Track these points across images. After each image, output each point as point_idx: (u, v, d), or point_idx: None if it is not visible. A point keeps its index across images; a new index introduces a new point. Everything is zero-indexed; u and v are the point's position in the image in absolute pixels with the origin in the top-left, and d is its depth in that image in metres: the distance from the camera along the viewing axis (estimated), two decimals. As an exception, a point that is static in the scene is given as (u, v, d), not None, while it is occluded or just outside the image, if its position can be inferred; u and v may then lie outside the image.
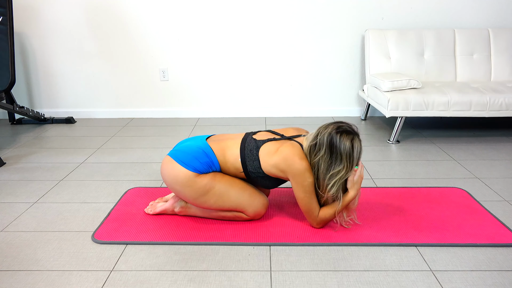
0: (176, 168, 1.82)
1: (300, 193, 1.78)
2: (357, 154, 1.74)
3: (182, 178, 1.81)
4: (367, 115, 3.79)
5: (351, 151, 1.72)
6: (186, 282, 1.55)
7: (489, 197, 2.21)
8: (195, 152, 1.85)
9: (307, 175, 1.75)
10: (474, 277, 1.56)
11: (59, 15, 3.63)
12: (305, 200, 1.79)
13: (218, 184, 1.83)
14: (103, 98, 3.86)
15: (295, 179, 1.77)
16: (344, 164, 1.73)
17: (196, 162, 1.82)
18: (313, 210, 1.82)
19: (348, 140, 1.72)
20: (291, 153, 1.76)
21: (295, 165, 1.75)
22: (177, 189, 1.85)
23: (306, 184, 1.76)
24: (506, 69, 3.44)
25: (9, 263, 1.67)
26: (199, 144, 1.88)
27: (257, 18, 3.64)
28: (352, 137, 1.73)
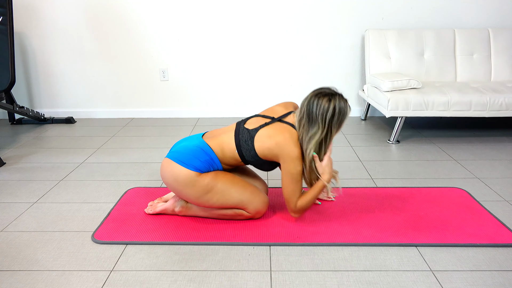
0: (177, 169, 1.82)
1: (287, 179, 1.80)
2: (333, 115, 1.72)
3: (183, 178, 1.81)
4: (367, 115, 3.79)
5: (325, 111, 1.72)
6: (186, 282, 1.55)
7: (489, 197, 2.21)
8: (194, 151, 1.84)
9: (297, 163, 1.77)
10: (474, 277, 1.56)
11: (59, 15, 3.63)
12: (290, 187, 1.80)
13: (219, 182, 1.83)
14: (103, 98, 3.86)
15: (285, 165, 1.78)
16: (319, 126, 1.73)
17: (196, 161, 1.82)
18: (294, 199, 1.83)
19: (325, 100, 1.72)
20: (284, 138, 1.77)
21: (287, 152, 1.76)
22: (179, 189, 1.85)
23: (295, 172, 1.78)
24: (506, 69, 3.44)
25: (9, 263, 1.67)
26: (196, 143, 1.88)
27: (257, 18, 3.64)
28: (329, 97, 1.73)
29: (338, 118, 1.74)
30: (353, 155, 2.85)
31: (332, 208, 2.09)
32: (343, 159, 2.77)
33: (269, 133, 1.80)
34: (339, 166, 2.66)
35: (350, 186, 2.36)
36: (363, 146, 3.04)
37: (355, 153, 2.89)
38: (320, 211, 2.05)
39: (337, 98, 1.73)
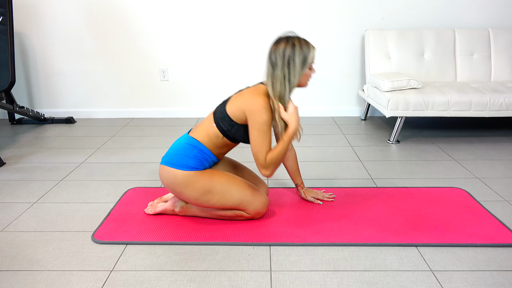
0: (171, 172, 1.83)
1: (253, 131, 1.77)
2: (293, 51, 1.73)
3: (179, 180, 1.82)
4: (367, 115, 3.79)
5: (283, 50, 1.73)
6: (186, 282, 1.55)
7: (489, 197, 2.21)
8: (183, 149, 1.85)
9: (262, 111, 1.74)
10: (474, 277, 1.56)
11: (59, 15, 3.63)
12: (257, 140, 1.77)
13: (218, 183, 1.83)
14: (103, 98, 3.86)
15: (250, 115, 1.76)
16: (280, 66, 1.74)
17: (187, 159, 1.82)
18: (262, 153, 1.79)
19: (282, 43, 1.74)
20: (250, 92, 1.79)
21: (252, 102, 1.75)
22: (178, 191, 1.85)
23: (260, 121, 1.75)
24: (506, 69, 3.44)
25: (9, 263, 1.67)
26: (183, 141, 1.89)
27: (257, 18, 3.64)
28: (285, 40, 1.75)
29: (297, 53, 1.73)
30: (353, 155, 2.85)
31: (332, 208, 2.09)
32: (343, 159, 2.77)
33: (238, 94, 1.84)
34: (339, 166, 2.66)
35: (350, 186, 2.36)
36: (363, 146, 3.04)
37: (355, 153, 2.89)
38: (320, 211, 2.05)
39: (293, 38, 1.76)
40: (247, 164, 2.69)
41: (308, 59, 1.76)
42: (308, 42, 1.78)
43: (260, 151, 1.79)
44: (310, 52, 1.77)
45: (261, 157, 1.79)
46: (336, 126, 3.56)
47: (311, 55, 1.77)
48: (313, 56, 1.79)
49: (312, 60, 1.79)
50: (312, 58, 1.79)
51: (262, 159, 1.80)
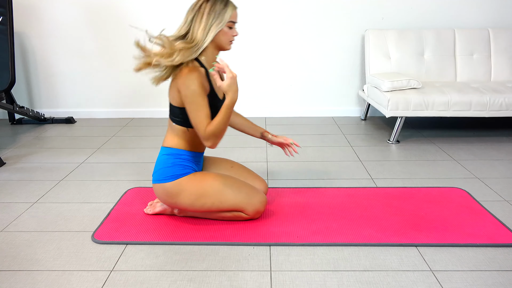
0: (161, 187, 1.85)
1: (187, 105, 1.73)
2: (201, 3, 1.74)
3: (170, 191, 1.83)
4: (367, 115, 3.79)
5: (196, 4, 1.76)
6: (186, 282, 1.55)
7: (489, 197, 2.21)
8: (161, 162, 1.87)
9: (188, 83, 1.70)
10: (474, 277, 1.56)
11: (59, 15, 3.63)
12: (192, 113, 1.72)
13: (210, 186, 1.83)
14: (103, 98, 3.86)
15: (181, 92, 1.73)
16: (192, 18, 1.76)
17: (168, 170, 1.84)
18: (201, 124, 1.72)
19: None
20: (180, 69, 1.75)
21: (178, 76, 1.74)
22: (173, 202, 1.87)
23: (189, 93, 1.70)
24: (506, 69, 3.44)
25: (9, 263, 1.67)
26: (160, 154, 1.91)
27: (257, 18, 3.64)
28: None
29: (209, 5, 1.73)
30: (353, 155, 2.85)
31: (332, 208, 2.09)
32: (343, 159, 2.77)
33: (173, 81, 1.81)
34: (339, 166, 2.66)
35: (350, 186, 2.36)
36: (363, 146, 3.04)
37: (355, 153, 2.89)
38: (320, 211, 2.06)
39: None
40: (247, 164, 2.69)
41: (223, 13, 1.74)
42: (229, 0, 1.77)
43: (198, 123, 1.72)
44: (228, 8, 1.75)
45: (201, 129, 1.72)
46: (336, 126, 3.56)
47: (228, 11, 1.75)
48: (231, 14, 1.76)
49: (232, 18, 1.77)
50: (231, 15, 1.76)
51: (202, 131, 1.72)
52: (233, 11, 1.78)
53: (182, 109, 1.81)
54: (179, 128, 1.85)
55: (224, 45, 1.82)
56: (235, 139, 3.22)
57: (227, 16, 1.76)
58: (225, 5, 1.76)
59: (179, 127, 1.85)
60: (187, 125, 1.84)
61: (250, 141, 3.14)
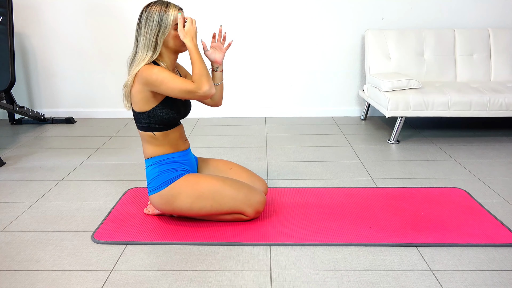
0: (157, 197, 1.85)
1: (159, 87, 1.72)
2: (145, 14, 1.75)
3: (166, 197, 1.84)
4: (367, 115, 3.79)
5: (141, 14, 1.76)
6: (186, 282, 1.55)
7: (489, 197, 2.21)
8: (149, 174, 1.88)
9: (151, 69, 1.70)
10: (474, 277, 1.56)
11: (59, 15, 3.63)
12: (169, 88, 1.71)
13: (206, 188, 1.82)
14: (103, 98, 3.86)
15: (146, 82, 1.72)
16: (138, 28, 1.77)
17: (158, 179, 1.84)
18: (184, 83, 1.71)
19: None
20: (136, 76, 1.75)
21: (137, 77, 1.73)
22: (172, 209, 1.87)
23: (155, 77, 1.70)
24: (506, 69, 3.44)
25: (9, 263, 1.67)
26: (146, 167, 1.91)
27: (257, 17, 3.65)
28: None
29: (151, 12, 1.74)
30: (353, 155, 2.85)
31: (332, 208, 2.09)
32: (343, 159, 2.77)
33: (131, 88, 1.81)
34: (339, 166, 2.66)
35: (350, 186, 2.36)
36: (363, 146, 3.04)
37: (355, 153, 2.89)
38: (320, 211, 2.06)
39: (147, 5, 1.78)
40: (247, 164, 2.69)
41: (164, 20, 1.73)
42: (168, 4, 1.76)
43: (183, 87, 1.71)
44: (168, 13, 1.73)
45: (189, 87, 1.71)
46: (336, 126, 3.56)
47: (169, 16, 1.73)
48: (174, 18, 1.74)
49: (176, 21, 1.75)
50: (174, 19, 1.74)
51: (191, 87, 1.71)
52: (176, 13, 1.75)
53: (144, 113, 1.80)
54: (146, 134, 1.85)
55: (179, 47, 1.80)
56: (235, 139, 3.22)
57: (170, 20, 1.74)
58: (164, 10, 1.74)
59: (146, 133, 1.85)
60: (152, 129, 1.83)
61: (250, 141, 3.15)
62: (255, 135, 3.31)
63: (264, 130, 3.45)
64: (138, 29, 1.77)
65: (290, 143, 3.12)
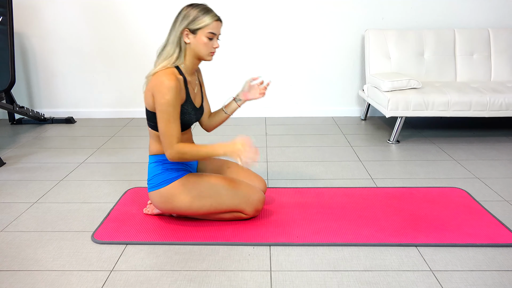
0: (156, 194, 1.85)
1: (158, 112, 1.71)
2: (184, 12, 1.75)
3: (165, 196, 1.83)
4: (367, 115, 3.79)
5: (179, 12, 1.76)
6: (186, 282, 1.55)
7: (489, 197, 2.21)
8: (151, 171, 1.88)
9: (164, 91, 1.67)
10: (474, 277, 1.56)
11: (59, 15, 3.63)
12: (163, 122, 1.69)
13: (205, 187, 1.83)
14: (103, 98, 3.86)
15: (155, 97, 1.71)
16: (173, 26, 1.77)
17: (159, 177, 1.84)
18: (171, 135, 1.70)
19: None
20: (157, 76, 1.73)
21: (155, 81, 1.71)
22: (171, 207, 1.87)
23: (164, 102, 1.68)
24: (506, 69, 3.44)
25: (9, 263, 1.67)
26: (148, 163, 1.92)
27: (257, 18, 3.64)
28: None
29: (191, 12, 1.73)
30: (353, 155, 2.85)
31: (332, 208, 2.09)
32: (343, 159, 2.77)
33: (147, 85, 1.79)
34: (339, 166, 2.66)
35: (350, 186, 2.36)
36: (363, 146, 3.04)
37: (355, 153, 2.89)
38: (320, 211, 2.06)
39: (192, 3, 1.77)
40: (247, 164, 2.69)
41: (200, 20, 1.72)
42: (211, 10, 1.76)
43: (167, 135, 1.71)
44: (206, 17, 1.72)
45: (168, 142, 1.71)
46: (336, 126, 3.56)
47: (206, 19, 1.72)
48: (210, 24, 1.73)
49: (211, 29, 1.73)
50: (209, 24, 1.73)
51: (169, 144, 1.71)
52: (213, 21, 1.74)
53: (155, 112, 1.78)
54: (155, 132, 1.85)
55: (203, 55, 1.79)
56: (235, 139, 3.22)
57: (203, 24, 1.73)
58: (203, 13, 1.74)
59: (155, 132, 1.84)
60: (156, 129, 1.84)
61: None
62: (255, 135, 3.31)
63: (264, 130, 3.45)
64: (173, 23, 1.77)
65: (290, 143, 3.12)
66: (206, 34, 1.75)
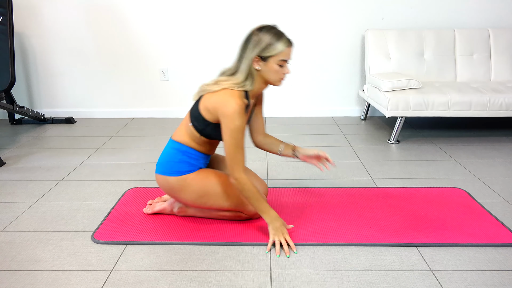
0: (165, 180, 1.85)
1: (226, 136, 1.68)
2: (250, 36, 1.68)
3: (173, 185, 1.83)
4: (367, 115, 3.79)
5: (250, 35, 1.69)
6: (186, 282, 1.55)
7: (489, 197, 2.21)
8: (168, 155, 1.85)
9: (235, 116, 1.64)
10: (474, 277, 1.56)
11: (59, 15, 3.63)
12: (231, 147, 1.68)
13: (212, 185, 1.83)
14: (103, 98, 3.86)
15: (223, 120, 1.67)
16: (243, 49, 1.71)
17: (175, 165, 1.83)
18: (237, 162, 1.69)
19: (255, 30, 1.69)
20: (224, 93, 1.69)
21: (225, 103, 1.65)
22: (175, 196, 1.87)
23: (233, 128, 1.65)
24: (506, 69, 3.44)
25: (9, 263, 1.67)
26: (168, 146, 1.89)
27: (257, 18, 3.64)
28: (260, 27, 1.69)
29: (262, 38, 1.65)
30: (353, 155, 2.85)
31: (332, 208, 2.09)
32: (343, 159, 2.77)
33: (211, 94, 1.74)
34: (339, 166, 2.66)
35: (350, 186, 2.36)
36: (363, 146, 3.04)
37: (355, 153, 2.89)
38: (320, 211, 2.05)
39: (268, 26, 1.69)
40: (247, 164, 2.69)
41: (271, 48, 1.65)
42: (283, 35, 1.68)
43: (235, 162, 1.70)
44: (278, 44, 1.65)
45: (236, 169, 1.70)
46: (336, 126, 3.56)
47: (278, 46, 1.66)
48: (282, 51, 1.66)
49: (283, 56, 1.67)
50: (282, 53, 1.67)
51: (236, 171, 1.70)
52: (286, 47, 1.67)
53: (208, 122, 1.76)
54: (193, 130, 1.82)
55: (273, 82, 1.74)
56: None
57: (275, 52, 1.66)
58: (276, 39, 1.66)
59: (194, 130, 1.82)
60: (201, 134, 1.81)
61: (250, 141, 3.14)
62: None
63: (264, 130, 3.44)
64: (244, 49, 1.70)
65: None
66: (278, 62, 1.68)
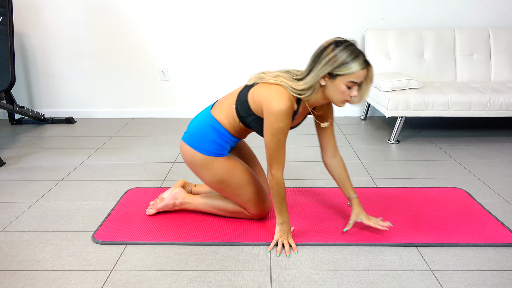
0: (191, 152, 1.82)
1: (268, 133, 1.62)
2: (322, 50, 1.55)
3: (198, 161, 1.82)
4: (367, 115, 3.79)
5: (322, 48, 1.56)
6: (186, 282, 1.55)
7: (489, 197, 2.21)
8: (202, 130, 1.80)
9: (281, 117, 1.58)
10: (474, 277, 1.56)
11: (59, 15, 3.63)
12: (272, 146, 1.63)
13: (235, 178, 1.82)
14: (103, 98, 3.86)
15: (267, 115, 1.60)
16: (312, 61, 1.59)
17: (207, 143, 1.80)
18: (278, 161, 1.65)
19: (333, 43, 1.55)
20: (276, 89, 1.61)
21: (274, 100, 1.58)
22: (196, 170, 1.86)
23: (275, 127, 1.59)
24: (506, 69, 3.44)
25: (9, 263, 1.67)
26: (205, 119, 1.82)
27: (257, 18, 3.64)
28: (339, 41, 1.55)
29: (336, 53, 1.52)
30: (353, 155, 2.85)
31: (332, 208, 2.09)
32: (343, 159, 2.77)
33: (264, 84, 1.67)
34: (339, 166, 2.66)
35: (350, 186, 2.36)
36: (363, 146, 3.04)
37: (355, 153, 2.89)
38: (320, 211, 2.05)
39: (346, 41, 1.54)
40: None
41: (345, 67, 1.51)
42: (360, 55, 1.53)
43: (274, 160, 1.66)
44: (353, 64, 1.51)
45: (274, 167, 1.66)
46: (336, 126, 3.56)
47: (353, 67, 1.51)
48: (355, 72, 1.52)
49: (355, 77, 1.53)
50: (354, 74, 1.52)
51: (274, 169, 1.66)
52: (360, 69, 1.52)
53: (251, 112, 1.71)
54: (235, 114, 1.76)
55: (336, 102, 1.61)
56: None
57: (347, 72, 1.51)
58: (352, 59, 1.51)
59: (235, 113, 1.75)
60: (241, 120, 1.76)
61: (250, 141, 3.15)
62: (255, 135, 3.31)
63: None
64: (315, 62, 1.57)
65: (290, 143, 3.12)
66: (347, 83, 1.54)
